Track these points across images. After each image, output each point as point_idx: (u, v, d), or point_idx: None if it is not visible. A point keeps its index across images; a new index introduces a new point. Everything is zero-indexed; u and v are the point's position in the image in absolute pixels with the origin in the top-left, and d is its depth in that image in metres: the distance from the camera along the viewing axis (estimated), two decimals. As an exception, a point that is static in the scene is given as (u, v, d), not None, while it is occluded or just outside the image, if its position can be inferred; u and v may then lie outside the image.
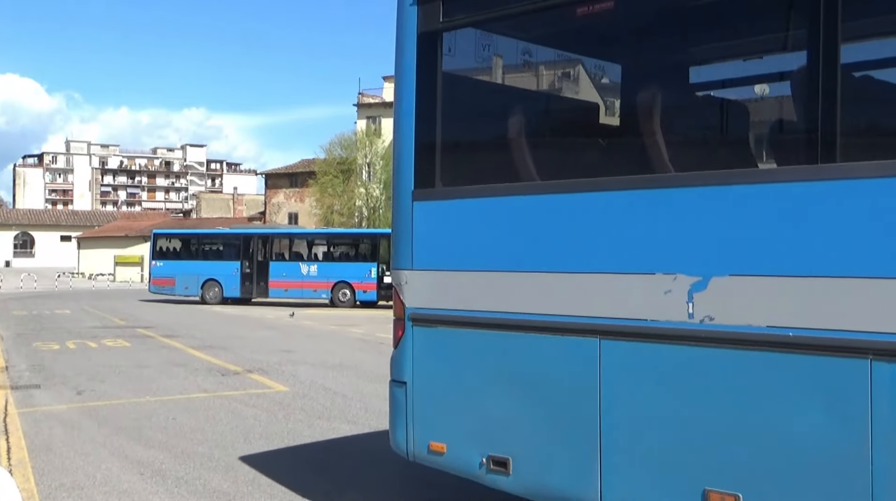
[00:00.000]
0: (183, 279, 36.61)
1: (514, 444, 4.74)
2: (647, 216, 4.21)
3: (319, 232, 41.85)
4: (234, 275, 36.33)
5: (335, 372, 13.89)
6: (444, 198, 5.19)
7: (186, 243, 39.45)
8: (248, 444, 8.23)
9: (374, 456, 7.78)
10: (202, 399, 11.05)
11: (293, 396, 11.30)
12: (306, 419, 9.63)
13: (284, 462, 7.53)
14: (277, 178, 71.05)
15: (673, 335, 4.05)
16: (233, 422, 9.37)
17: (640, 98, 4.66)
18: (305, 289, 35.24)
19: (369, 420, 9.54)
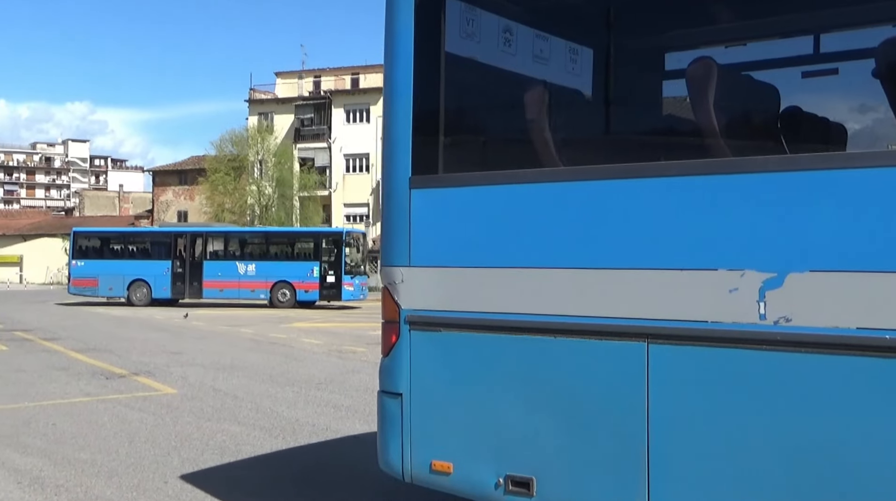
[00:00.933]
0: (107, 279, 35.03)
1: (538, 462, 4.20)
2: (707, 206, 3.75)
3: (257, 230, 40.46)
4: (164, 275, 34.96)
5: (225, 373, 13.65)
6: (450, 184, 4.58)
7: (111, 242, 37.78)
8: (133, 448, 8.00)
9: (268, 459, 7.69)
10: (85, 403, 10.67)
11: (181, 398, 11.05)
12: (195, 421, 9.43)
13: (171, 465, 7.36)
14: (166, 175, 69.24)
15: (740, 338, 3.60)
16: (117, 427, 9.09)
17: (694, 73, 4.13)
18: (243, 290, 34.16)
19: (260, 421, 9.42)
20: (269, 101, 63.06)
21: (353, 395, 11.27)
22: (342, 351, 17.12)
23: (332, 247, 34.02)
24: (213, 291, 34.53)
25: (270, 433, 8.77)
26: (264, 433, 8.76)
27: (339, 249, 33.68)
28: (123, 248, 37.15)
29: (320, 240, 34.56)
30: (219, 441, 8.35)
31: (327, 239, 34.67)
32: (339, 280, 33.24)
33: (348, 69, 63.11)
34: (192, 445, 8.14)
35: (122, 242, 37.71)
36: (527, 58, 4.96)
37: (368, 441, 8.29)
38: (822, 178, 3.50)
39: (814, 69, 4.96)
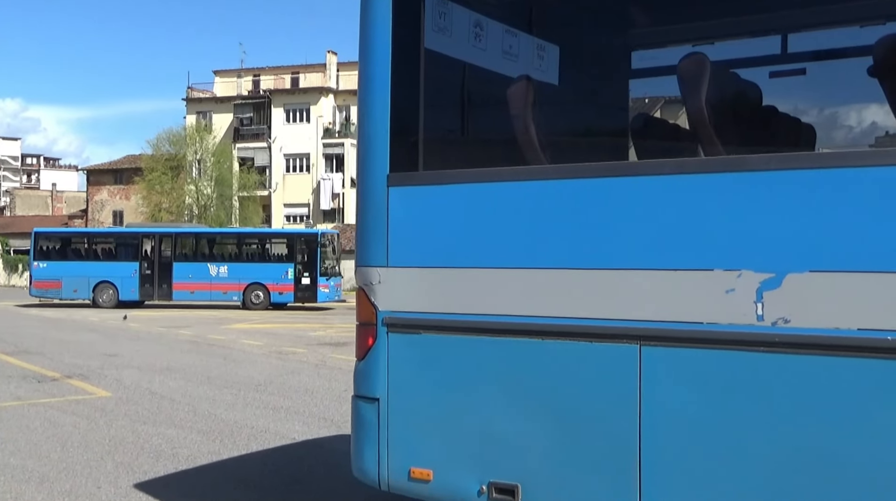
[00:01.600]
0: (71, 281, 33.79)
1: (524, 469, 4.08)
2: (702, 205, 3.67)
3: (230, 231, 39.15)
4: (132, 277, 33.87)
5: (162, 375, 13.41)
6: (430, 182, 4.44)
7: (74, 242, 36.49)
8: (65, 453, 7.81)
9: (206, 463, 7.57)
10: (15, 407, 10.38)
11: (116, 402, 10.82)
12: (130, 424, 9.24)
13: (105, 470, 7.20)
14: (100, 175, 67.74)
15: (737, 340, 3.54)
16: (49, 431, 8.87)
17: (686, 68, 4.06)
18: (214, 291, 33.22)
19: (198, 424, 9.28)
20: (208, 100, 62.18)
21: (293, 397, 11.18)
22: (282, 353, 16.96)
23: (307, 249, 33.59)
24: (183, 293, 33.59)
25: (208, 436, 8.64)
26: (202, 436, 8.63)
27: (313, 250, 33.27)
28: (88, 249, 35.82)
29: (294, 241, 34.04)
30: (154, 444, 8.21)
31: (302, 240, 34.17)
32: (314, 281, 32.82)
33: (288, 68, 62.54)
34: (126, 449, 7.98)
35: (86, 243, 36.41)
36: (498, 53, 4.92)
37: (309, 444, 8.28)
38: (822, 177, 3.45)
39: (782, 69, 5.00)
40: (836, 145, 5.09)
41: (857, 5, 4.70)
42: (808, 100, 5.27)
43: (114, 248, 35.69)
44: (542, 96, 4.75)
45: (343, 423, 9.04)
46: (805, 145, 4.41)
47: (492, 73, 4.96)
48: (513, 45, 5.06)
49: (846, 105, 5.18)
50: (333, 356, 16.16)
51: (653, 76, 5.54)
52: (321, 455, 7.80)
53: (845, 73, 4.89)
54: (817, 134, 4.59)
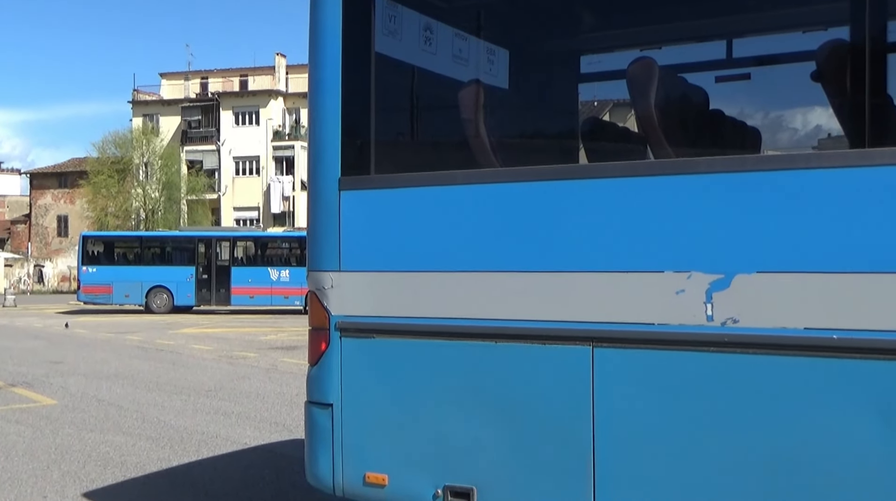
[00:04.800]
0: (122, 286, 32.91)
1: (478, 472, 4.07)
2: (651, 207, 3.70)
3: (291, 235, 37.86)
4: (188, 282, 33.18)
5: (109, 382, 13.18)
6: (382, 186, 4.40)
7: (125, 246, 35.69)
8: (9, 462, 7.63)
9: (155, 470, 7.47)
10: (-44, 417, 10.14)
11: (62, 409, 10.61)
12: (76, 432, 9.07)
13: (51, 479, 7.06)
14: (44, 178, 66.43)
15: (687, 340, 3.57)
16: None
17: (635, 72, 4.10)
18: (276, 296, 32.56)
19: (146, 431, 9.14)
20: (154, 103, 61.34)
21: (244, 402, 11.08)
22: (232, 357, 16.79)
23: None
24: (242, 298, 32.96)
25: (157, 442, 8.52)
26: (151, 442, 8.51)
27: None
28: (140, 253, 34.96)
29: None
30: (102, 452, 8.07)
31: None
32: None
33: (236, 71, 61.95)
34: (73, 458, 7.84)
35: (138, 247, 35.47)
36: (448, 57, 4.91)
37: (261, 449, 8.21)
38: (768, 179, 3.50)
39: (726, 74, 5.06)
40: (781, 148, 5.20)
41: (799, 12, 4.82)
42: (753, 104, 5.38)
43: (167, 252, 34.90)
44: (492, 100, 4.77)
45: (295, 428, 8.99)
46: (751, 148, 4.49)
47: (443, 77, 4.97)
48: (463, 48, 5.08)
49: (790, 109, 5.29)
50: (284, 360, 16.04)
51: (601, 80, 5.62)
52: (272, 460, 7.73)
53: (789, 77, 5.01)
54: (762, 137, 4.69)
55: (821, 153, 4.13)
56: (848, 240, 3.32)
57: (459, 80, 4.92)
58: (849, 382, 3.31)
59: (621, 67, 5.01)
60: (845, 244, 3.32)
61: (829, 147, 4.57)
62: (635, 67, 4.10)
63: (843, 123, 3.89)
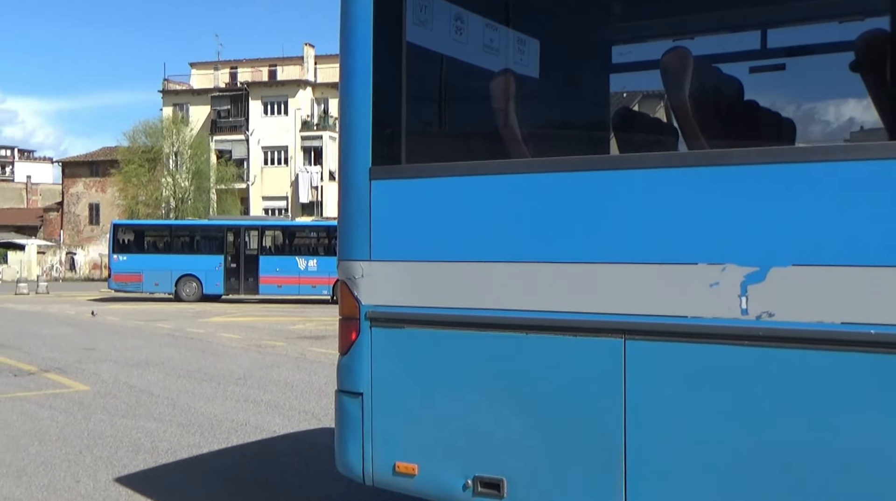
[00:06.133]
0: (152, 275, 33.28)
1: (509, 463, 4.07)
2: (686, 199, 3.67)
3: (319, 224, 37.97)
4: (217, 271, 33.45)
5: (140, 369, 13.33)
6: (413, 176, 4.41)
7: (155, 234, 36.07)
8: (43, 447, 7.75)
9: (186, 456, 7.55)
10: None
11: (94, 395, 10.75)
12: (108, 418, 9.19)
13: (83, 464, 7.16)
14: (76, 167, 67.18)
15: (721, 334, 3.54)
16: (26, 425, 8.80)
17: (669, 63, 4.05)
18: (303, 286, 32.69)
19: (177, 417, 9.24)
20: (184, 92, 61.73)
21: (273, 390, 11.16)
22: (261, 346, 16.91)
23: None
24: (270, 287, 33.10)
25: (188, 429, 8.61)
26: (181, 429, 8.60)
27: None
28: (170, 242, 35.31)
29: None
30: (133, 438, 8.17)
31: None
32: None
33: (266, 61, 62.17)
34: (105, 443, 7.94)
35: (168, 236, 35.91)
36: (479, 47, 4.91)
37: (290, 437, 8.26)
38: (805, 171, 3.46)
39: (761, 64, 5.01)
40: (814, 140, 5.15)
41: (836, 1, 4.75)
42: (787, 95, 5.33)
43: (197, 241, 35.11)
44: (523, 90, 4.74)
45: (323, 416, 9.05)
46: (785, 139, 4.45)
47: (473, 67, 4.96)
48: (493, 38, 5.07)
49: (824, 100, 5.23)
50: (313, 349, 16.14)
51: (632, 70, 5.59)
52: (301, 448, 7.79)
53: (824, 68, 4.94)
54: (797, 128, 4.64)
55: (859, 145, 4.08)
56: (887, 233, 3.27)
57: (490, 70, 4.91)
58: (887, 378, 3.26)
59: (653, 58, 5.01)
60: (884, 237, 3.28)
61: (863, 139, 4.53)
62: (670, 57, 4.06)
63: (883, 115, 3.83)
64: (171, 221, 44.72)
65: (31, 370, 13.17)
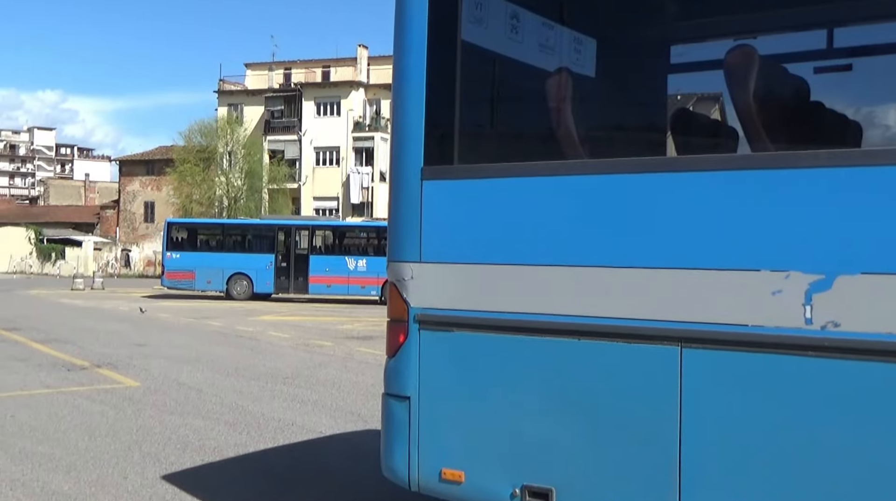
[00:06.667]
0: (204, 272, 33.81)
1: (559, 472, 3.96)
2: (749, 203, 3.54)
3: (369, 224, 38.07)
4: (267, 270, 33.91)
5: (190, 366, 13.45)
6: (465, 176, 4.32)
7: (208, 233, 36.76)
8: (92, 442, 7.83)
9: (233, 455, 7.55)
10: (45, 395, 10.45)
11: (144, 391, 10.85)
12: (157, 415, 9.25)
13: (132, 460, 7.20)
14: (133, 165, 68.40)
15: (784, 343, 3.40)
16: (77, 419, 8.90)
17: (733, 61, 3.95)
18: (352, 286, 33.00)
19: (224, 415, 9.27)
20: (239, 93, 62.47)
21: (320, 390, 11.16)
22: (309, 345, 16.97)
23: None
24: (319, 287, 33.46)
25: (235, 428, 8.62)
26: (229, 427, 8.62)
27: None
28: (222, 240, 35.82)
29: None
30: (181, 435, 8.20)
31: None
32: None
33: (319, 62, 62.63)
34: (153, 439, 7.98)
35: (220, 234, 36.42)
36: (535, 46, 4.82)
37: (337, 438, 8.22)
38: (874, 175, 3.30)
39: (826, 65, 4.84)
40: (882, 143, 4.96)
41: None
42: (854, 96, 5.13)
43: (248, 240, 35.59)
44: (579, 89, 4.63)
45: (370, 418, 9.00)
46: (851, 142, 4.29)
47: (529, 66, 4.86)
48: (549, 37, 4.97)
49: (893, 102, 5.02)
50: (360, 350, 16.14)
51: (692, 71, 5.44)
52: (347, 450, 7.74)
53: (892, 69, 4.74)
54: (864, 131, 4.46)
55: None
56: None
57: (545, 70, 4.82)
58: None
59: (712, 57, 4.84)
60: None
61: None
62: (734, 56, 3.93)
63: None
64: (224, 220, 45.27)
65: (83, 365, 13.36)
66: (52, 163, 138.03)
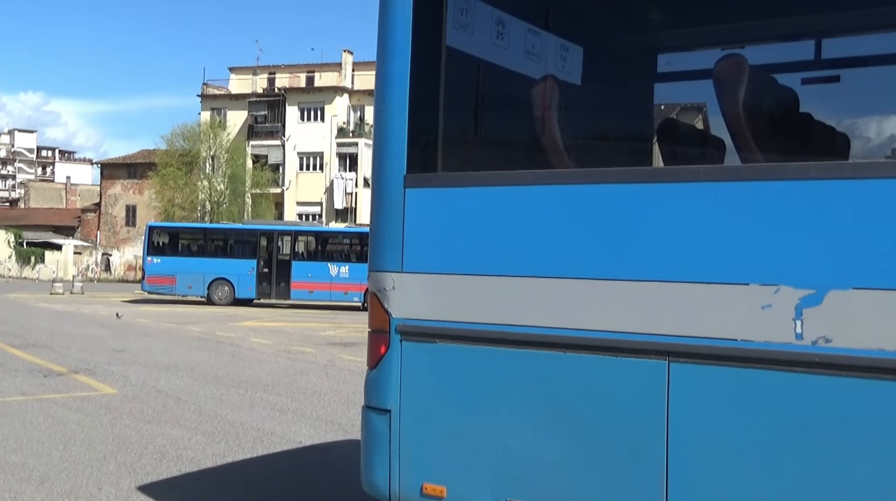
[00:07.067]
0: (185, 277, 33.63)
1: (543, 487, 3.89)
2: (738, 215, 3.47)
3: (352, 230, 38.03)
4: (249, 275, 33.74)
5: (169, 372, 13.28)
6: (449, 184, 4.23)
7: (189, 238, 36.46)
8: (67, 451, 7.67)
9: (210, 465, 7.43)
10: (19, 402, 10.27)
11: (121, 399, 10.69)
12: (134, 423, 9.10)
13: (107, 470, 7.06)
14: (114, 168, 67.98)
15: (774, 359, 3.34)
16: (52, 428, 8.74)
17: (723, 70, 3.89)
18: (335, 292, 32.94)
19: (203, 425, 9.13)
20: (223, 97, 62.23)
21: (301, 398, 11.03)
22: (290, 352, 16.83)
23: None
24: (302, 292, 33.37)
25: (213, 437, 8.49)
26: (207, 437, 8.48)
27: None
28: (203, 245, 35.53)
29: None
30: (158, 445, 8.06)
31: None
32: None
33: (303, 67, 62.46)
34: (129, 449, 7.84)
35: (202, 239, 36.15)
36: (520, 53, 4.72)
37: (316, 448, 8.11)
38: (867, 188, 3.24)
39: (814, 76, 4.77)
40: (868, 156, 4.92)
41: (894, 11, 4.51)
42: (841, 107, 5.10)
43: (230, 245, 35.31)
44: (566, 97, 4.55)
45: (350, 428, 8.89)
46: (839, 154, 4.24)
47: (514, 73, 4.79)
48: (535, 44, 4.90)
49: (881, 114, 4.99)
50: (342, 356, 16.02)
51: (679, 80, 5.39)
52: (328, 460, 7.64)
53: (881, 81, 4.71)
54: (850, 143, 4.42)
55: None
56: None
57: (531, 77, 4.74)
58: None
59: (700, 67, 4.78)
60: None
61: None
62: (724, 65, 3.86)
63: None
64: (206, 224, 45.04)
65: (60, 371, 13.18)
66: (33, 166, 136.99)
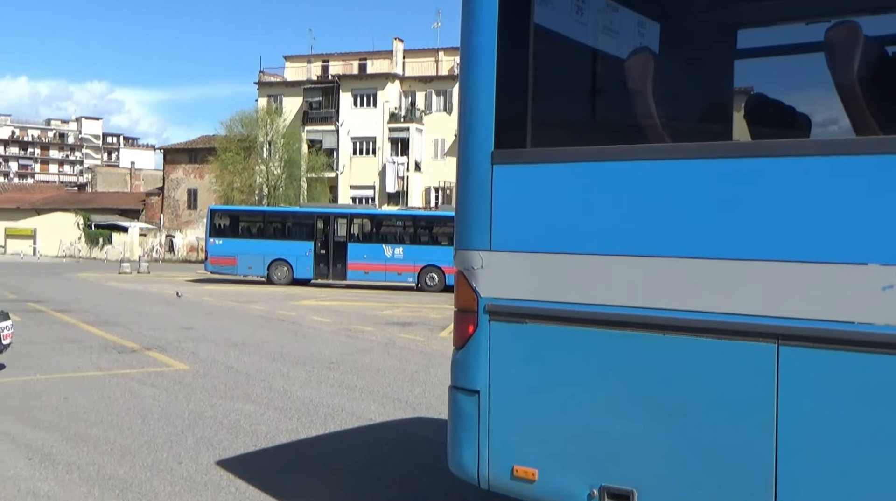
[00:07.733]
0: (246, 258, 34.51)
1: (640, 474, 3.73)
2: (857, 191, 3.26)
3: (406, 213, 38.57)
4: (307, 256, 34.52)
5: (236, 350, 13.53)
6: (539, 160, 4.07)
7: (250, 220, 37.45)
8: (146, 425, 7.88)
9: (286, 441, 7.56)
10: (97, 377, 10.56)
11: (193, 375, 10.93)
12: (208, 399, 9.31)
13: (185, 445, 7.23)
14: (176, 154, 69.03)
15: (894, 343, 3.15)
16: (130, 402, 8.98)
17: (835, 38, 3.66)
18: (389, 273, 33.55)
19: (274, 401, 9.29)
20: (278, 84, 62.72)
21: (366, 376, 11.15)
22: (350, 330, 16.99)
23: None
24: (357, 273, 33.97)
25: (285, 413, 8.64)
26: (279, 413, 8.63)
27: None
28: (263, 227, 36.40)
29: None
30: (233, 420, 8.23)
31: None
32: None
33: (356, 55, 62.69)
34: (205, 424, 8.02)
35: (262, 221, 36.99)
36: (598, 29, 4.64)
37: (386, 426, 8.19)
38: None
39: None
40: None
41: None
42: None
43: (288, 227, 36.05)
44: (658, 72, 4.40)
45: (418, 405, 8.98)
46: None
47: (595, 49, 4.71)
48: (614, 20, 4.84)
49: None
50: (401, 336, 16.13)
51: (758, 56, 5.29)
52: (398, 438, 7.70)
53: None
54: None
55: None
56: None
57: (611, 54, 4.66)
58: None
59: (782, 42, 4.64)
60: None
61: None
62: (836, 32, 3.67)
63: None
64: (265, 208, 45.58)
65: (133, 347, 13.51)
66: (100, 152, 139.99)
